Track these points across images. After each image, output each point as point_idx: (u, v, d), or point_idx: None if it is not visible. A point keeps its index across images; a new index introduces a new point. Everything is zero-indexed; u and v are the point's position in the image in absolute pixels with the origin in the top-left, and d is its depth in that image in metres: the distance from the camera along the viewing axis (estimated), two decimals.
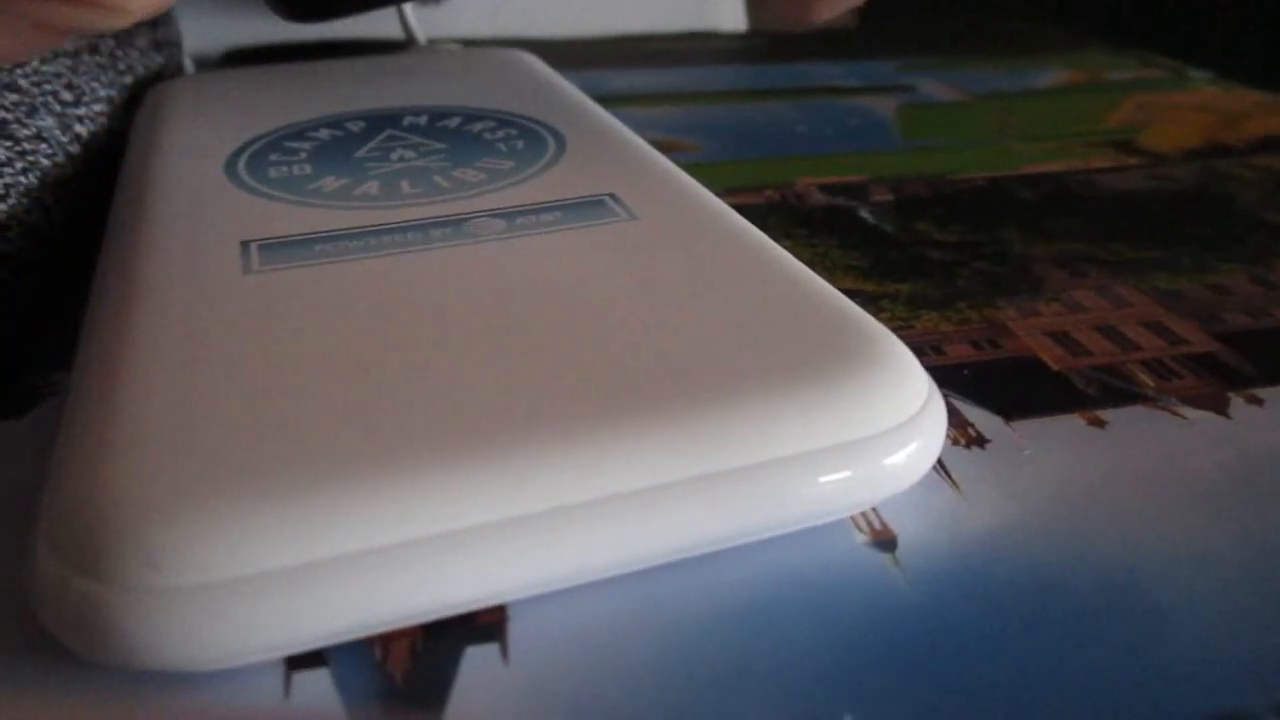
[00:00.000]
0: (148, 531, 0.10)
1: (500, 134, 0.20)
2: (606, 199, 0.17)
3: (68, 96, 0.20)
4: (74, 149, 0.20)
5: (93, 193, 0.20)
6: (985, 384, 0.16)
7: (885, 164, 0.26)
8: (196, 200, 0.17)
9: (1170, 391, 0.16)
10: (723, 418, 0.11)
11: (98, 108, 0.21)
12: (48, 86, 0.19)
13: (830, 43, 0.40)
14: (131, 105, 0.23)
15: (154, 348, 0.13)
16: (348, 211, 0.16)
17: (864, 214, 0.23)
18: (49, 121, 0.19)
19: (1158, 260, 0.21)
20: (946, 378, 0.16)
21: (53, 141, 0.19)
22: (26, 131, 0.18)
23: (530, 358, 0.12)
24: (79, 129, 0.20)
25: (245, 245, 0.15)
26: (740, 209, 0.17)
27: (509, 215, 0.16)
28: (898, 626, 0.11)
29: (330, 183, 0.17)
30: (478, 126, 0.20)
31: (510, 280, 0.14)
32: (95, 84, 0.21)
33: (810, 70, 0.36)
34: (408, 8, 0.28)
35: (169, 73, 0.27)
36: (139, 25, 0.25)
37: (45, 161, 0.18)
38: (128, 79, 0.24)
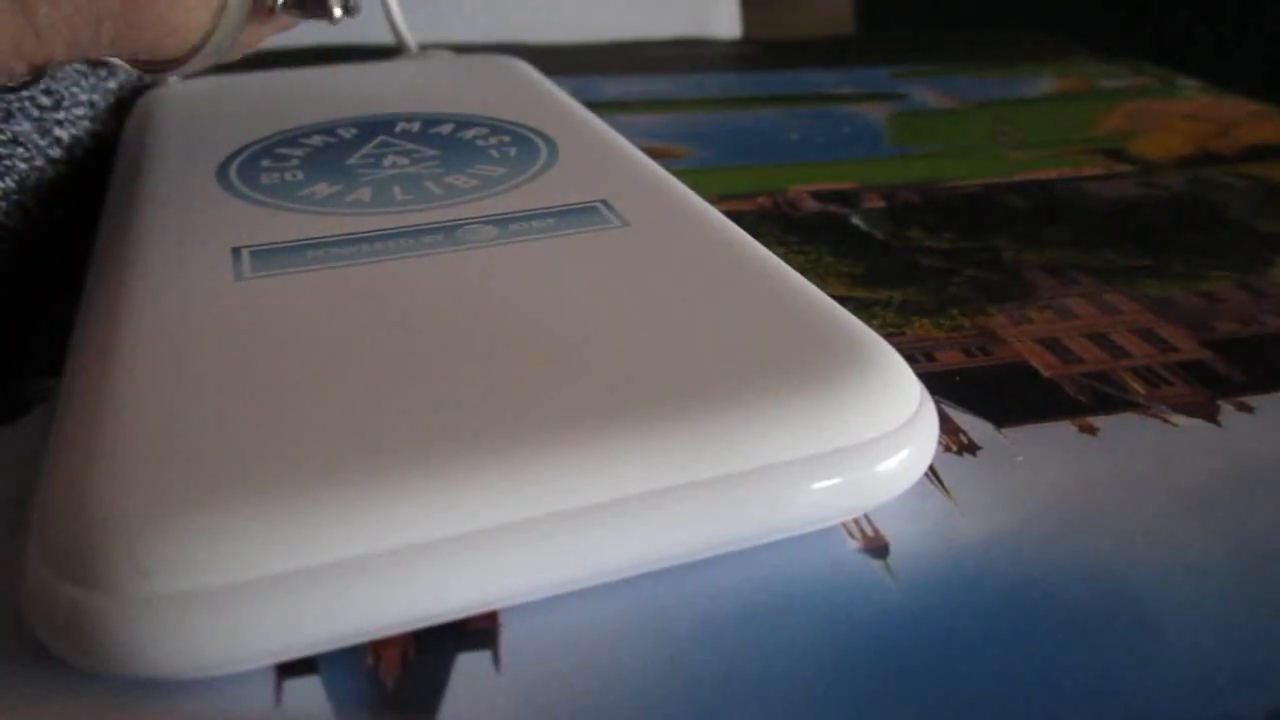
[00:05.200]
0: (138, 539, 0.10)
1: (493, 140, 0.20)
2: (599, 206, 0.17)
3: (46, 101, 0.20)
4: (54, 152, 0.20)
5: (78, 196, 0.20)
6: (977, 391, 0.16)
7: (877, 171, 0.26)
8: (188, 207, 0.17)
9: (1161, 399, 0.16)
10: (715, 424, 0.11)
11: (79, 111, 0.21)
12: (24, 92, 0.19)
13: (825, 50, 0.40)
14: (115, 110, 0.23)
15: (145, 354, 0.12)
16: (340, 218, 0.16)
17: (856, 221, 0.23)
18: (26, 126, 0.19)
19: (1148, 268, 0.21)
20: (938, 384, 0.16)
21: (30, 145, 0.19)
22: (1, 136, 0.18)
23: (522, 365, 0.12)
24: (59, 133, 0.20)
25: (237, 251, 0.15)
26: (733, 216, 0.17)
27: (501, 222, 0.16)
28: (890, 633, 0.11)
29: (322, 189, 0.17)
30: (470, 133, 0.20)
31: (502, 287, 0.14)
32: (75, 89, 0.21)
33: (804, 77, 0.36)
34: (398, 14, 0.28)
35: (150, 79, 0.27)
36: None
37: (23, 165, 0.18)
38: (110, 84, 0.24)
